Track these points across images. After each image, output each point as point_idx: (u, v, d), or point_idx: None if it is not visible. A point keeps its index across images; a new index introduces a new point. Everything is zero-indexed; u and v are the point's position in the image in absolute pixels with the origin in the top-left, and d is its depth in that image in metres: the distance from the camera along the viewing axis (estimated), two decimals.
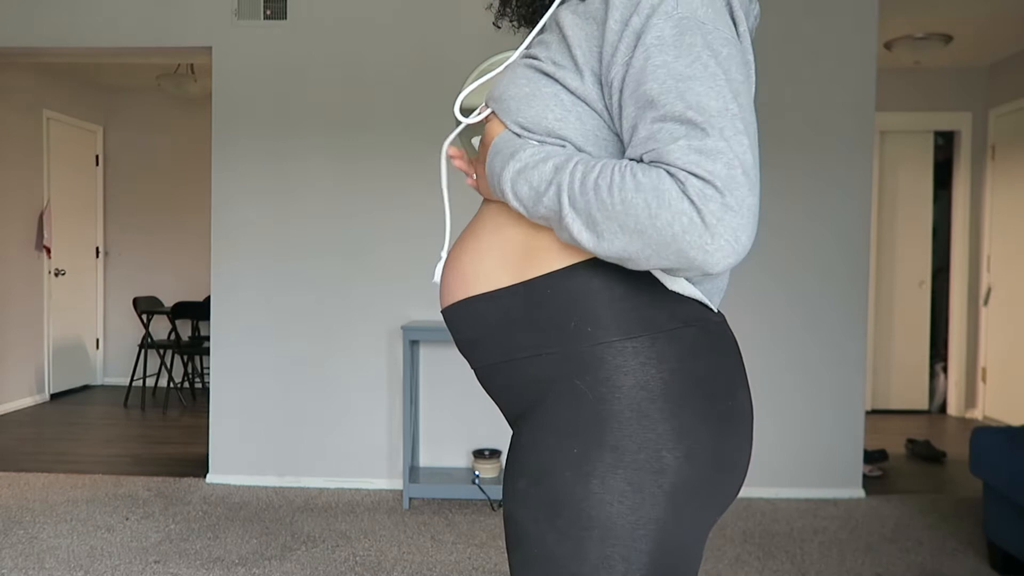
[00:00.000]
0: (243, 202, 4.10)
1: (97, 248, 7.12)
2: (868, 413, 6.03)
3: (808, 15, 3.95)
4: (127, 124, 7.16)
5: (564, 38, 0.97)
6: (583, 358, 0.95)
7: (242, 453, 4.11)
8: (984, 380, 5.97)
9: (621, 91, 0.90)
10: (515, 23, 1.15)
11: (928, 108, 6.01)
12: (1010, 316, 5.67)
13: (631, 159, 0.88)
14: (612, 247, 0.86)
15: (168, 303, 6.93)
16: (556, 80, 0.97)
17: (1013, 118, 5.67)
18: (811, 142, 3.97)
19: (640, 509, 0.92)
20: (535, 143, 0.96)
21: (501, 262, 1.01)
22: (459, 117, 1.08)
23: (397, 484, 4.06)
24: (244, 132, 4.09)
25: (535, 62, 1.00)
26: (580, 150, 0.95)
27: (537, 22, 1.13)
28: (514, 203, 0.96)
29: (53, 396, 6.49)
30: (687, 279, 0.98)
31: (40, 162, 6.28)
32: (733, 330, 3.98)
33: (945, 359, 6.27)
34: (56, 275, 6.48)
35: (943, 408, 6.23)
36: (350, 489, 4.04)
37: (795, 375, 3.99)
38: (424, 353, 4.08)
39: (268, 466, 4.10)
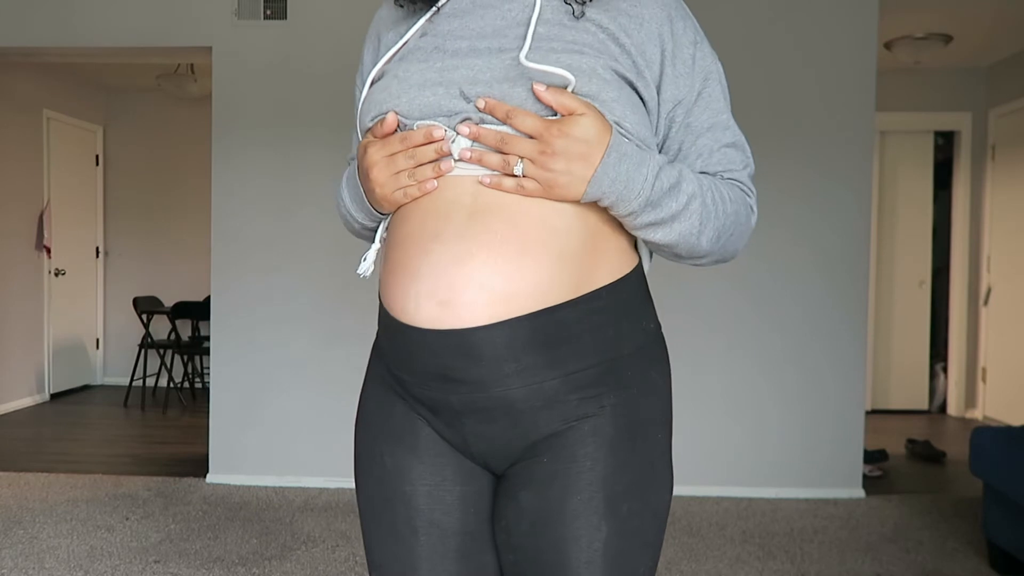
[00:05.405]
0: (243, 202, 4.10)
1: (97, 248, 7.12)
2: (868, 413, 6.02)
3: (808, 15, 3.95)
4: (127, 124, 7.16)
5: (619, 43, 0.95)
6: (654, 354, 1.02)
7: (242, 453, 4.11)
8: (984, 380, 5.97)
9: (690, 111, 0.99)
10: None
11: (928, 108, 6.01)
12: (1010, 316, 5.67)
13: (706, 172, 1.01)
14: (726, 248, 1.01)
15: (168, 303, 6.92)
16: (636, 89, 0.96)
17: (1013, 118, 5.66)
18: (811, 142, 3.97)
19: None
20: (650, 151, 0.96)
21: (569, 270, 0.93)
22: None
23: None
24: (244, 132, 4.08)
25: (613, 64, 0.94)
26: None
27: None
28: (646, 213, 0.92)
29: (53, 396, 6.49)
30: None
31: (40, 162, 6.28)
32: (735, 329, 4.01)
33: (945, 359, 6.26)
34: (56, 275, 6.48)
35: (943, 408, 6.23)
36: (350, 489, 4.03)
37: (795, 375, 3.99)
38: None
39: (268, 466, 4.10)
